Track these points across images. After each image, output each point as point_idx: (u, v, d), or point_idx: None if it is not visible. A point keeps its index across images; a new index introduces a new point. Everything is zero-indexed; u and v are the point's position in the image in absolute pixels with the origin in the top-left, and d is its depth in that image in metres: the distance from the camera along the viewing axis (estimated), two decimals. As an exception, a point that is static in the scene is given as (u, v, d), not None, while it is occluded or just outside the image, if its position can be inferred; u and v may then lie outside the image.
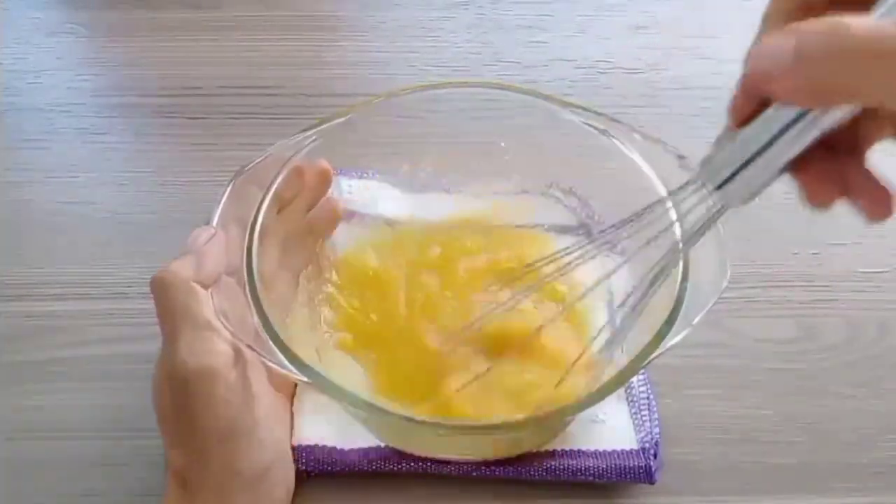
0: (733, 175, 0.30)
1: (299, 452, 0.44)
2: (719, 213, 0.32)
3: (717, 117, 0.31)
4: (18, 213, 0.58)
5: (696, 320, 0.36)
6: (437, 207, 0.51)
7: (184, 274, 0.38)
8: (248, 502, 0.40)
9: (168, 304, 0.38)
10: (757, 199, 0.30)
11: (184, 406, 0.38)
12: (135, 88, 0.67)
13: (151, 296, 0.39)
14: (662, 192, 0.41)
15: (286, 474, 0.43)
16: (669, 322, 0.36)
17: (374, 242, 0.50)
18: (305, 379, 0.36)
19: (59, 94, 0.66)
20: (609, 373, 0.37)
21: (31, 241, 0.56)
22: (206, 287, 0.39)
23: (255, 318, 0.38)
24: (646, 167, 0.42)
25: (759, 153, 0.29)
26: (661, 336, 0.36)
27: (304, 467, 0.44)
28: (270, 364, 0.37)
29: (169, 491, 0.40)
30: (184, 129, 0.64)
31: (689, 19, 0.72)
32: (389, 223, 0.51)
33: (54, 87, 0.67)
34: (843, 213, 0.56)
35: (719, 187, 0.30)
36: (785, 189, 0.59)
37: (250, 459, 0.40)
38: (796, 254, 0.56)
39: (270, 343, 0.37)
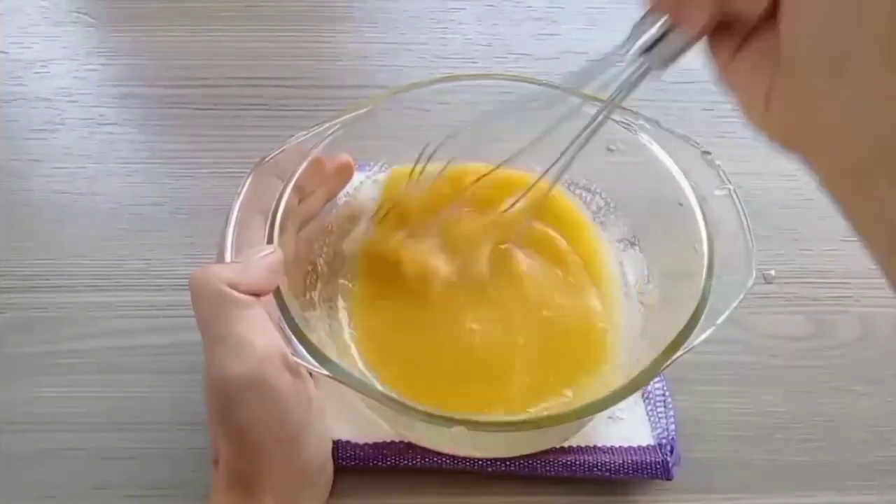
0: (658, 41, 0.34)
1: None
2: (643, 75, 0.36)
3: (728, 111, 0.32)
4: (25, 203, 0.58)
5: (722, 319, 0.36)
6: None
7: (222, 275, 0.37)
8: (311, 497, 0.41)
9: (200, 306, 0.37)
10: (676, 62, 0.34)
11: (234, 412, 0.37)
12: (142, 78, 0.67)
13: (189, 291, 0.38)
14: (685, 185, 0.40)
15: (330, 463, 0.43)
16: (694, 319, 0.36)
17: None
18: (326, 372, 0.36)
19: (66, 83, 0.65)
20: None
21: (38, 232, 0.56)
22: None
23: (277, 310, 0.37)
24: (668, 161, 0.41)
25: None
26: (686, 333, 0.35)
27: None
28: (292, 357, 0.36)
29: (221, 488, 0.38)
30: (191, 120, 0.64)
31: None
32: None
33: (60, 76, 0.66)
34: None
35: (646, 51, 0.34)
36: (797, 186, 0.59)
37: (312, 457, 0.40)
38: (810, 250, 0.56)
39: (291, 335, 0.36)
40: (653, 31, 0.33)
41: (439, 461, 0.44)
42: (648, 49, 0.34)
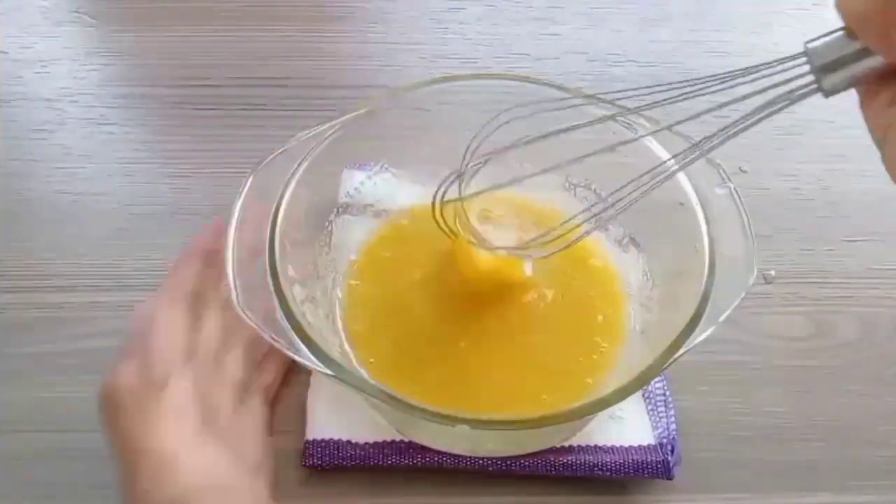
0: (838, 62, 0.30)
1: (312, 447, 0.44)
2: (809, 93, 0.32)
3: (728, 111, 0.32)
4: (26, 203, 0.58)
5: (722, 318, 0.36)
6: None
7: (128, 381, 0.40)
8: None
9: (114, 418, 0.39)
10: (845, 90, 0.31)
11: None
12: (143, 78, 0.67)
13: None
14: (689, 188, 0.40)
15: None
16: (695, 319, 0.36)
17: (389, 235, 0.50)
18: (329, 372, 0.36)
19: (67, 83, 0.65)
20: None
21: (39, 233, 0.56)
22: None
23: (280, 313, 0.37)
24: (670, 162, 0.41)
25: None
26: (687, 332, 0.35)
27: (317, 462, 0.44)
28: (294, 357, 0.36)
29: None
30: (192, 120, 0.63)
31: (701, 13, 0.72)
32: (404, 215, 0.51)
33: (61, 76, 0.66)
34: (858, 211, 0.56)
35: (821, 69, 0.30)
36: (797, 186, 0.59)
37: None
38: (811, 250, 0.56)
39: (294, 335, 0.37)
40: (843, 51, 0.30)
41: (440, 461, 0.44)
42: (824, 69, 0.30)
